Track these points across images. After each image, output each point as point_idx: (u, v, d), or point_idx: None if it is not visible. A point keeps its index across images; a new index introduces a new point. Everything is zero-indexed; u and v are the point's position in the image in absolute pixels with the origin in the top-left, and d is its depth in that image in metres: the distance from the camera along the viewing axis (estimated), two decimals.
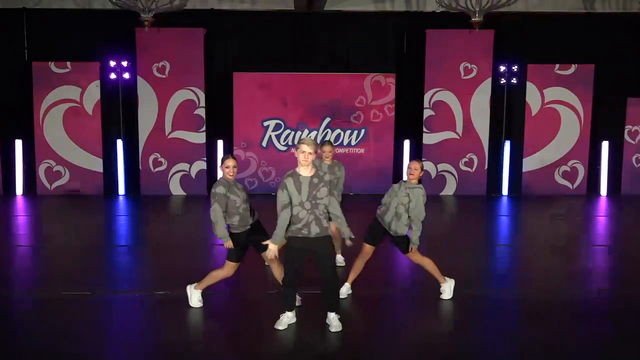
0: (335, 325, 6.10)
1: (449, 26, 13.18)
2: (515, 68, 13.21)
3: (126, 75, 12.99)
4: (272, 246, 6.01)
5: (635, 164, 13.50)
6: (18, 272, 8.32)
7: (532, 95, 13.22)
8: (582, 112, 13.22)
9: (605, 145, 13.61)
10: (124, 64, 12.96)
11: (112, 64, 12.95)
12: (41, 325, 6.34)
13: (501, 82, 13.29)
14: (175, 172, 13.18)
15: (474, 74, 13.12)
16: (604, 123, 13.55)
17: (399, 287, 7.70)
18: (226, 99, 13.16)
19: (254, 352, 5.77)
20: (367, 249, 6.96)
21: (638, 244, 9.92)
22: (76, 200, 12.66)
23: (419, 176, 6.79)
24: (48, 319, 6.49)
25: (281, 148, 13.28)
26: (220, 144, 13.29)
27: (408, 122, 13.48)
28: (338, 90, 13.18)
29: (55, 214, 11.92)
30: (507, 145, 13.53)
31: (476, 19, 12.81)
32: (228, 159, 6.42)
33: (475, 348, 5.93)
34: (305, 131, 13.19)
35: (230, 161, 6.40)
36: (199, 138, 13.10)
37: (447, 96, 13.16)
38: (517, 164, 13.52)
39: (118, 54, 12.93)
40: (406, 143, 13.47)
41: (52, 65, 12.80)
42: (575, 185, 13.44)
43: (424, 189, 6.75)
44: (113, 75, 13.00)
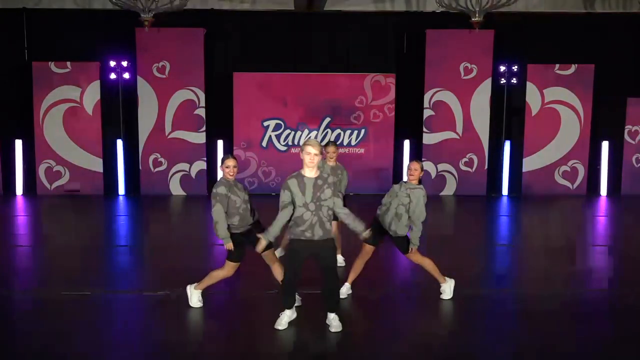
0: (335, 326, 6.10)
1: (449, 26, 13.18)
2: (515, 68, 13.22)
3: (126, 75, 13.00)
4: (263, 241, 6.05)
5: (635, 164, 13.50)
6: (18, 272, 8.32)
7: (532, 95, 13.22)
8: (582, 112, 13.23)
9: (605, 145, 13.61)
10: (124, 64, 12.96)
11: (112, 64, 12.95)
12: (41, 325, 6.34)
13: (501, 82, 13.30)
14: (175, 172, 13.19)
15: (474, 74, 13.12)
16: (604, 123, 13.56)
17: (399, 287, 7.70)
18: (226, 99, 13.17)
19: (254, 352, 5.77)
20: (367, 249, 6.97)
21: (638, 244, 9.92)
22: (76, 200, 12.66)
23: (419, 177, 6.79)
24: (48, 319, 6.49)
25: (281, 148, 13.28)
26: (220, 144, 13.29)
27: (408, 122, 13.48)
28: (338, 90, 13.19)
29: (55, 214, 11.92)
30: (507, 145, 13.54)
31: (476, 19, 12.82)
32: (228, 159, 6.42)
33: (475, 348, 5.94)
34: (305, 131, 13.19)
35: (230, 161, 6.40)
36: (199, 138, 13.10)
37: (447, 96, 13.16)
38: (517, 164, 13.52)
39: (118, 54, 12.94)
40: (406, 143, 13.47)
41: (52, 65, 12.80)
42: (575, 185, 13.44)
43: (424, 190, 6.75)
44: (113, 75, 13.00)
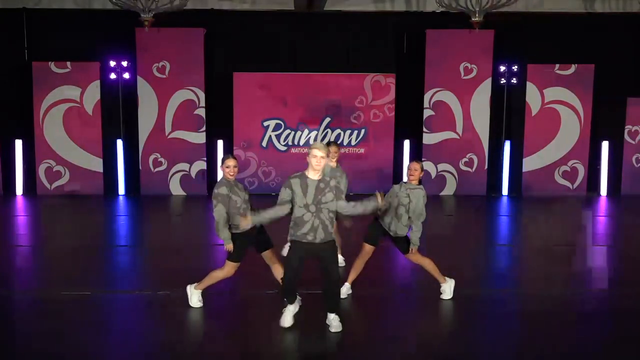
0: (335, 326, 6.10)
1: (449, 26, 13.18)
2: (515, 68, 13.22)
3: (126, 75, 13.00)
4: (249, 216, 6.01)
5: (635, 164, 13.50)
6: (18, 272, 8.32)
7: (532, 95, 13.22)
8: (582, 112, 13.22)
9: (605, 145, 13.61)
10: (124, 64, 12.96)
11: (112, 64, 12.95)
12: (41, 325, 6.34)
13: (501, 82, 13.30)
14: (175, 172, 13.19)
15: (474, 74, 13.12)
16: (604, 123, 13.54)
17: (399, 287, 7.70)
18: (226, 99, 13.16)
19: (254, 352, 5.78)
20: (367, 249, 6.97)
21: (638, 244, 9.92)
22: (76, 200, 12.65)
23: (419, 177, 6.79)
24: (48, 319, 6.48)
25: (281, 148, 13.28)
26: (220, 144, 13.29)
27: (408, 122, 13.48)
28: (338, 90, 13.18)
29: (55, 214, 11.91)
30: (507, 145, 13.53)
31: (476, 19, 12.82)
32: (228, 158, 6.42)
33: (475, 348, 5.94)
34: (305, 131, 13.19)
35: (230, 161, 6.39)
36: (199, 138, 13.10)
37: (447, 96, 13.16)
38: (517, 164, 13.52)
39: (118, 54, 12.93)
40: (406, 143, 13.47)
41: (52, 65, 12.80)
42: (575, 185, 13.44)
43: (424, 190, 6.75)
44: (113, 75, 13.00)
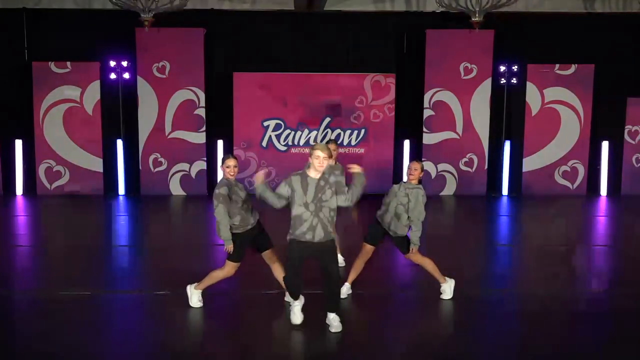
0: (336, 326, 6.10)
1: (449, 26, 13.18)
2: (515, 68, 13.22)
3: (126, 75, 12.99)
4: (260, 178, 5.99)
5: (635, 164, 13.49)
6: (18, 272, 8.32)
7: (532, 95, 13.22)
8: (582, 112, 13.22)
9: (605, 145, 13.61)
10: (124, 64, 12.96)
11: (112, 64, 12.95)
12: (41, 325, 6.34)
13: (501, 82, 13.30)
14: (175, 172, 13.19)
15: (474, 74, 13.12)
16: (604, 123, 13.54)
17: (399, 287, 7.70)
18: (226, 99, 13.16)
19: (253, 352, 5.78)
20: (367, 249, 6.97)
21: (638, 244, 9.92)
22: (76, 200, 12.65)
23: (419, 176, 6.79)
24: (48, 319, 6.49)
25: (281, 148, 13.27)
26: (220, 144, 13.29)
27: (408, 122, 13.47)
28: (338, 90, 13.18)
29: (55, 214, 11.92)
30: (507, 145, 13.53)
31: (476, 19, 12.81)
32: (229, 158, 6.42)
33: (475, 348, 5.93)
34: (305, 131, 13.19)
35: (231, 161, 6.40)
36: (199, 138, 13.09)
37: (447, 96, 13.16)
38: (517, 164, 13.52)
39: (118, 54, 12.93)
40: (406, 143, 13.46)
41: (52, 65, 12.79)
42: (575, 185, 13.44)
43: (423, 190, 6.75)
44: (113, 75, 13.00)
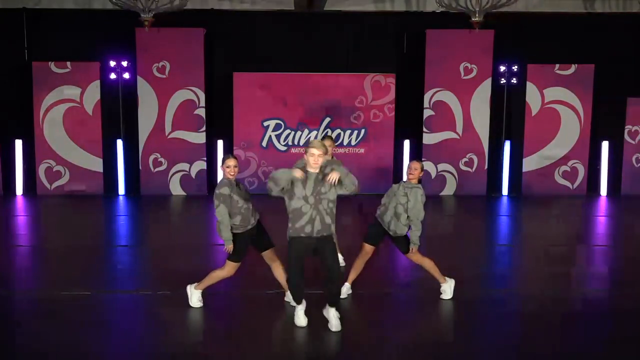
0: (335, 325, 6.10)
1: (449, 26, 13.17)
2: (515, 68, 13.22)
3: (126, 75, 12.99)
4: (300, 173, 5.90)
5: (635, 164, 13.49)
6: (18, 272, 8.32)
7: (532, 95, 13.22)
8: (582, 112, 13.22)
9: (605, 145, 13.60)
10: (124, 64, 12.96)
11: (112, 64, 12.94)
12: (41, 325, 6.34)
13: (501, 82, 13.29)
14: (175, 172, 13.19)
15: (474, 74, 13.12)
16: (604, 123, 13.54)
17: (399, 287, 7.70)
18: (226, 99, 13.17)
19: (253, 352, 5.77)
20: (367, 249, 6.97)
21: (638, 244, 9.92)
22: (76, 200, 12.65)
23: (418, 176, 6.79)
24: (48, 319, 6.49)
25: (281, 148, 13.27)
26: (220, 144, 13.29)
27: (408, 122, 13.47)
28: (338, 90, 13.18)
29: (55, 214, 11.92)
30: (507, 145, 13.53)
31: (476, 19, 12.81)
32: (229, 158, 6.42)
33: (475, 348, 5.93)
34: (305, 131, 13.18)
35: (231, 161, 6.40)
36: (199, 138, 13.09)
37: (447, 96, 13.16)
38: (517, 164, 13.52)
39: (118, 54, 12.93)
40: (406, 143, 13.46)
41: (52, 65, 12.79)
42: (575, 185, 13.43)
43: (422, 189, 6.75)
44: (113, 75, 12.99)
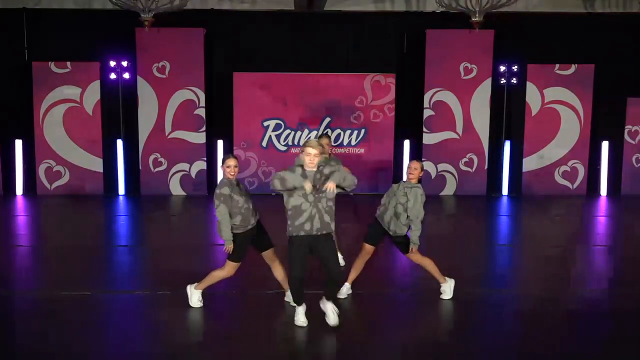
0: (332, 318, 6.11)
1: (449, 26, 13.17)
2: (515, 68, 13.21)
3: (126, 75, 12.99)
4: (309, 184, 5.92)
5: (635, 164, 13.49)
6: (18, 272, 8.32)
7: (532, 95, 13.22)
8: (582, 112, 13.22)
9: (605, 145, 13.60)
10: (124, 64, 12.95)
11: (112, 64, 12.94)
12: (41, 325, 6.34)
13: (501, 82, 13.29)
14: (175, 172, 13.18)
15: (474, 74, 13.12)
16: (604, 123, 13.54)
17: (399, 287, 7.70)
18: (226, 99, 13.17)
19: (253, 352, 5.77)
20: (367, 249, 6.97)
21: (638, 244, 9.92)
22: (76, 200, 12.66)
23: (418, 176, 6.79)
24: (48, 319, 6.49)
25: (281, 148, 13.27)
26: (220, 144, 13.28)
27: (408, 122, 13.47)
28: (338, 90, 13.18)
29: (55, 214, 11.92)
30: (507, 145, 13.53)
31: (476, 19, 12.81)
32: (229, 158, 6.42)
33: (475, 348, 5.94)
34: (305, 131, 13.18)
35: (231, 161, 6.40)
36: (199, 138, 13.09)
37: (447, 96, 13.16)
38: (517, 164, 13.52)
39: (118, 54, 12.93)
40: (406, 143, 13.46)
41: (52, 65, 12.79)
42: (575, 185, 13.43)
43: (422, 189, 6.75)
44: (113, 75, 12.99)
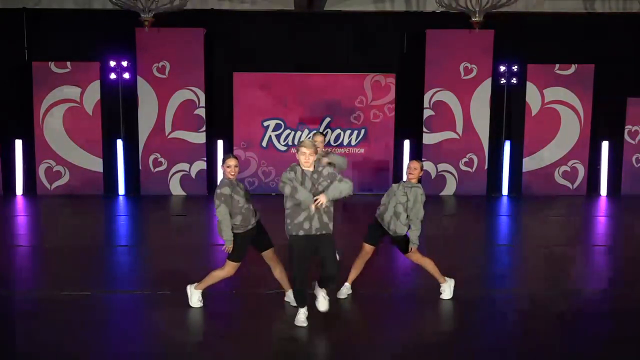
0: (323, 303, 6.13)
1: (449, 26, 13.17)
2: (515, 68, 13.22)
3: (126, 75, 12.99)
4: (323, 199, 5.92)
5: (635, 164, 13.49)
6: (18, 272, 8.32)
7: (532, 95, 13.22)
8: (582, 112, 13.22)
9: (605, 145, 13.60)
10: (124, 64, 12.96)
11: (112, 64, 12.95)
12: (41, 325, 6.34)
13: (501, 82, 13.29)
14: (175, 172, 13.19)
15: (474, 74, 13.12)
16: (604, 123, 13.55)
17: (399, 287, 7.70)
18: (226, 99, 13.18)
19: (253, 352, 5.77)
20: (367, 249, 6.97)
21: (638, 244, 9.92)
22: (76, 200, 12.66)
23: (418, 176, 6.80)
24: (48, 319, 6.49)
25: (281, 148, 13.27)
26: (220, 144, 13.28)
27: (408, 122, 13.48)
28: (338, 90, 13.19)
29: (55, 214, 11.91)
30: (507, 145, 13.53)
31: (476, 19, 12.81)
32: (229, 158, 6.42)
33: (475, 348, 5.93)
34: (305, 131, 13.18)
35: (231, 160, 6.40)
36: (199, 138, 13.09)
37: (447, 96, 13.16)
38: (517, 164, 13.52)
39: (118, 54, 12.93)
40: (406, 143, 13.46)
41: (52, 65, 12.79)
42: (575, 185, 13.44)
43: (422, 188, 6.75)
44: (113, 75, 12.99)
